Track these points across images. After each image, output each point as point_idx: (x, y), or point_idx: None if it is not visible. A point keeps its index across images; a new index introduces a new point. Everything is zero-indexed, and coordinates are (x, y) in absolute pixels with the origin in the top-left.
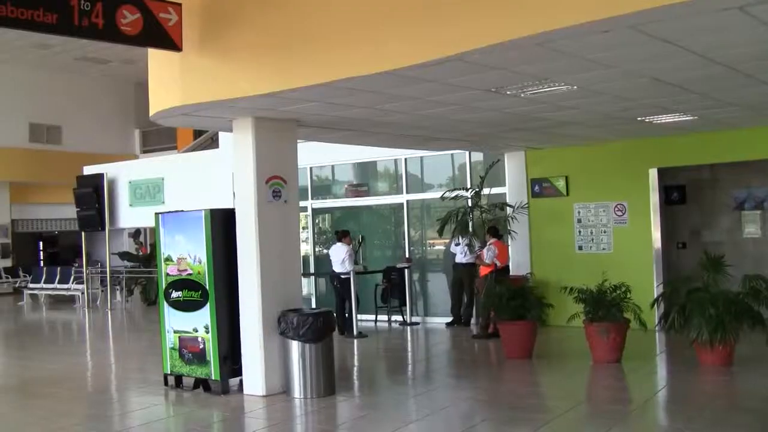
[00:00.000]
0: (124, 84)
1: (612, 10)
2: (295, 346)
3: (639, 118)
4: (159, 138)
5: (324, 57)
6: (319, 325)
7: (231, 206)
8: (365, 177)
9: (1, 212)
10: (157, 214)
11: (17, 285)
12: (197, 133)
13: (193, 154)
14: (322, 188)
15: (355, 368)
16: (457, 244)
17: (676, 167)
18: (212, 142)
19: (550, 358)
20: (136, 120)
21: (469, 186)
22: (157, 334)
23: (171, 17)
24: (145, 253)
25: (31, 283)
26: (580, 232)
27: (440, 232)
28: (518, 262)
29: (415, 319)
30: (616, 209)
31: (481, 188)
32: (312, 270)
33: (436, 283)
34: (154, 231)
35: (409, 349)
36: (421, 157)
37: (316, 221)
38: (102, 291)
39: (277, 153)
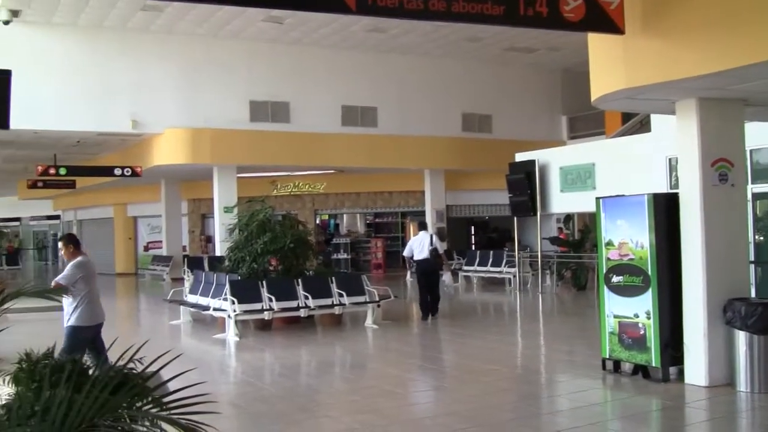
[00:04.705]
0: (550, 71)
1: None
2: (741, 336)
3: None
4: (586, 124)
5: None
6: None
7: (667, 191)
8: None
9: (438, 198)
10: (598, 198)
11: (452, 267)
12: (625, 118)
13: (624, 139)
14: (763, 172)
15: None
16: None
17: None
18: (641, 126)
19: None
20: (563, 106)
21: None
22: (587, 318)
23: (612, 0)
24: (565, 238)
25: (465, 265)
26: None
27: None
28: None
29: None
30: None
31: None
32: (752, 258)
33: None
34: (584, 217)
35: None
36: None
37: (756, 206)
38: (532, 275)
39: (723, 134)
